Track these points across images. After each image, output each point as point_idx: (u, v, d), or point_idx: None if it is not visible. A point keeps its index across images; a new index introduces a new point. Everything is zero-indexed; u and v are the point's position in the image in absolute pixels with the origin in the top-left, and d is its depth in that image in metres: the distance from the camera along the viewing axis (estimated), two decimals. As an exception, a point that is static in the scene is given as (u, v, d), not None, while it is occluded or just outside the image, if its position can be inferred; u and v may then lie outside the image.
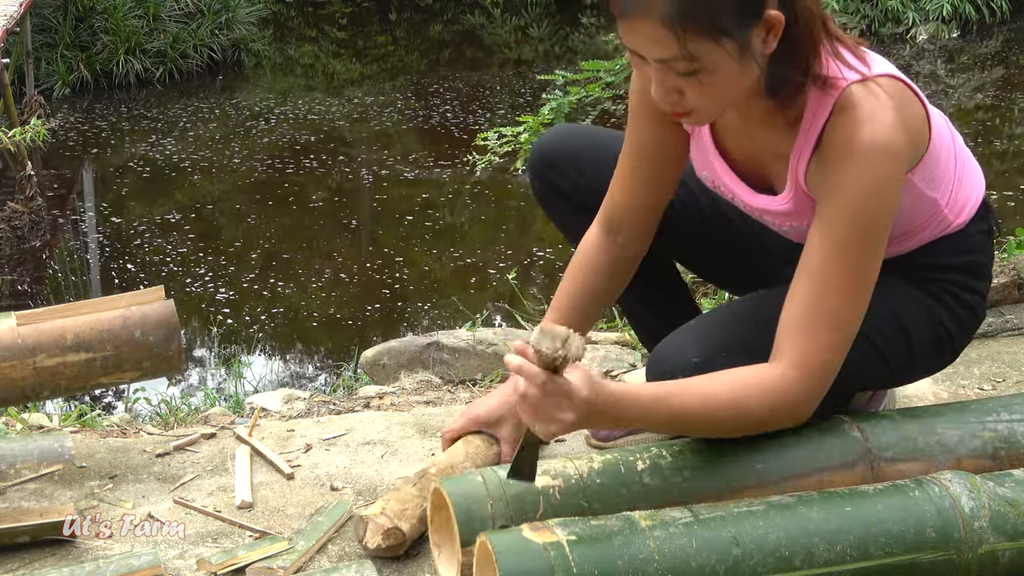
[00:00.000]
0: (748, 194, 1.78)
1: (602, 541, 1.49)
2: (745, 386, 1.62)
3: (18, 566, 1.80)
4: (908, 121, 1.60)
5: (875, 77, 1.60)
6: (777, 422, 1.67)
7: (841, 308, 1.61)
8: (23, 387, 1.98)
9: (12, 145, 6.74)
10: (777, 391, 1.62)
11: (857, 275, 1.61)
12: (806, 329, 1.61)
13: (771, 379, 1.62)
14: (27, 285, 6.70)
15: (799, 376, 1.61)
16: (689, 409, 1.62)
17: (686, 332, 1.77)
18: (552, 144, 2.04)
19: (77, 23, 11.37)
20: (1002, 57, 12.48)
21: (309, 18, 15.76)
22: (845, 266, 1.60)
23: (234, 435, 2.26)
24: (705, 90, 1.56)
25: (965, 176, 1.80)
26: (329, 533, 1.86)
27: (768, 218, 1.79)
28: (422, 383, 2.79)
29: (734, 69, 1.54)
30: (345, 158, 9.14)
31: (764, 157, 1.73)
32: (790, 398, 1.63)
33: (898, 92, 1.60)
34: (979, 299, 1.86)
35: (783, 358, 1.62)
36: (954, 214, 1.78)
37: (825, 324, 1.61)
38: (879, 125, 1.56)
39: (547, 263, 6.71)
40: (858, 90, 1.58)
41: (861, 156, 1.56)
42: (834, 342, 1.62)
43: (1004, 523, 1.60)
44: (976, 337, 2.69)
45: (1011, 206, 7.25)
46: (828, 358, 1.62)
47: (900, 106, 1.59)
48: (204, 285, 6.65)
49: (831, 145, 1.59)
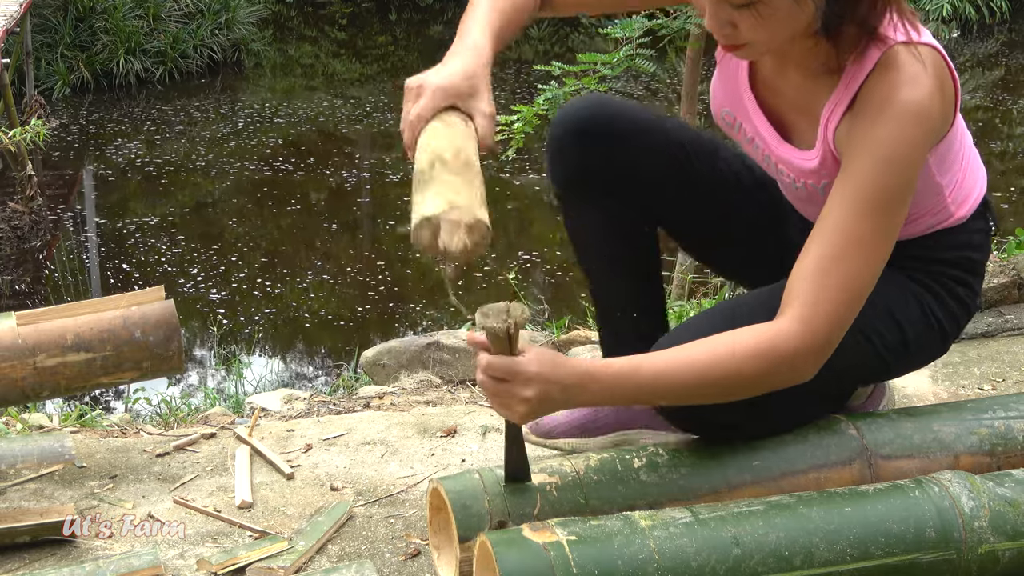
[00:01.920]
0: (774, 139, 1.75)
1: (602, 541, 1.49)
2: (733, 342, 1.57)
3: (18, 566, 1.80)
4: (944, 91, 1.60)
5: (921, 44, 1.59)
6: (772, 379, 1.59)
7: (854, 267, 1.57)
8: (23, 387, 1.98)
9: (12, 145, 6.75)
10: (775, 346, 1.56)
11: (874, 235, 1.58)
12: (816, 283, 1.57)
13: (769, 333, 1.57)
14: (27, 285, 6.70)
15: (802, 330, 1.56)
16: (670, 375, 1.56)
17: (682, 330, 1.76)
18: (593, 123, 1.85)
19: (77, 23, 11.38)
20: (1002, 57, 12.48)
21: (309, 18, 15.76)
22: (864, 224, 1.57)
23: (234, 435, 2.26)
24: (760, 23, 1.54)
25: (970, 170, 1.80)
26: (329, 533, 1.86)
27: (784, 168, 1.75)
28: (422, 383, 2.79)
29: (789, 3, 1.52)
30: (345, 158, 9.14)
31: (793, 108, 1.72)
32: (789, 351, 1.56)
33: (939, 64, 1.60)
34: (971, 294, 1.86)
35: (787, 311, 1.57)
36: (955, 205, 1.78)
37: (837, 281, 1.57)
38: (919, 88, 1.55)
39: (547, 263, 6.71)
40: (903, 51, 1.57)
41: (897, 114, 1.55)
42: (843, 301, 1.57)
43: (1004, 523, 1.60)
44: (976, 337, 2.70)
45: (1010, 206, 7.26)
46: (835, 315, 1.56)
47: (939, 75, 1.59)
48: (204, 285, 6.65)
49: (867, 101, 1.58)
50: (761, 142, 1.78)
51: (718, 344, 1.58)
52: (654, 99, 10.33)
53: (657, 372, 1.57)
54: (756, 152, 1.81)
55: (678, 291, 4.17)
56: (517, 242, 7.13)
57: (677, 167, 1.91)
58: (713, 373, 1.56)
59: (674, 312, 3.33)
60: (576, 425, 2.00)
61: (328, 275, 6.84)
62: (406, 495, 2.02)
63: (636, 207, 1.91)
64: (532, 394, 1.51)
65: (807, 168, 1.70)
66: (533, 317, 4.03)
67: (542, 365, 1.51)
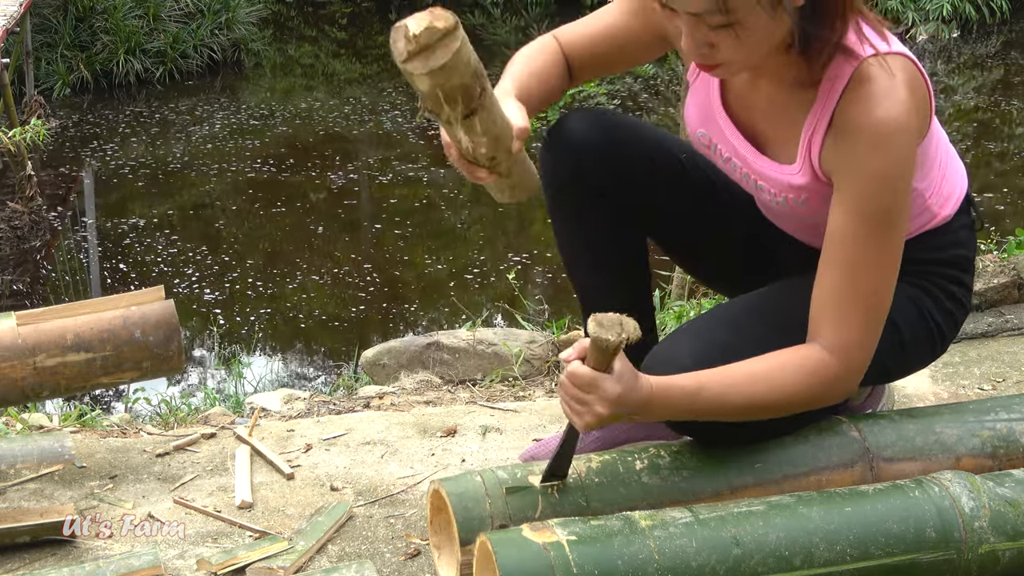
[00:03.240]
0: (752, 154, 1.77)
1: (602, 541, 1.49)
2: (783, 371, 1.64)
3: (18, 566, 1.80)
4: (918, 101, 1.62)
5: (890, 54, 1.61)
6: (816, 403, 1.69)
7: (871, 287, 1.64)
8: (23, 387, 1.98)
9: (12, 145, 6.75)
10: (818, 374, 1.64)
11: (882, 253, 1.63)
12: (839, 311, 1.64)
13: (811, 362, 1.65)
14: (27, 285, 6.70)
15: (838, 359, 1.64)
16: (727, 398, 1.63)
17: (681, 333, 1.77)
18: (592, 129, 1.88)
19: (77, 23, 11.37)
20: (1002, 57, 12.48)
21: (309, 18, 15.75)
22: (872, 246, 1.62)
23: (234, 435, 2.26)
24: (737, 43, 1.56)
25: (949, 170, 1.82)
26: (329, 533, 1.86)
27: (764, 184, 1.77)
28: (422, 383, 2.79)
29: (766, 21, 1.54)
30: (345, 158, 9.14)
31: (768, 120, 1.73)
32: (830, 380, 1.65)
33: (910, 72, 1.62)
34: (966, 292, 1.87)
35: (819, 340, 1.65)
36: (938, 206, 1.79)
37: (858, 305, 1.64)
38: (893, 103, 1.58)
39: (547, 263, 6.71)
40: (874, 64, 1.59)
41: (878, 135, 1.58)
42: (868, 321, 1.65)
43: (1004, 523, 1.60)
44: (976, 337, 2.70)
45: (1010, 206, 7.25)
46: (864, 337, 1.65)
47: (911, 85, 1.61)
48: (204, 285, 6.65)
49: (846, 123, 1.60)
50: (739, 160, 1.79)
51: (771, 371, 1.65)
52: (654, 99, 10.33)
53: (717, 395, 1.64)
54: (734, 172, 1.83)
55: (678, 291, 4.17)
56: (516, 242, 7.13)
57: (673, 176, 1.93)
58: (767, 399, 1.65)
59: (673, 312, 3.33)
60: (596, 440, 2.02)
61: (328, 275, 6.84)
62: (406, 495, 2.02)
63: (628, 213, 1.92)
64: (606, 412, 1.57)
65: (791, 183, 1.72)
66: (532, 316, 4.03)
67: (624, 387, 1.57)
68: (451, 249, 7.20)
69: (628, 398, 1.57)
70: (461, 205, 8.06)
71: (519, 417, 2.34)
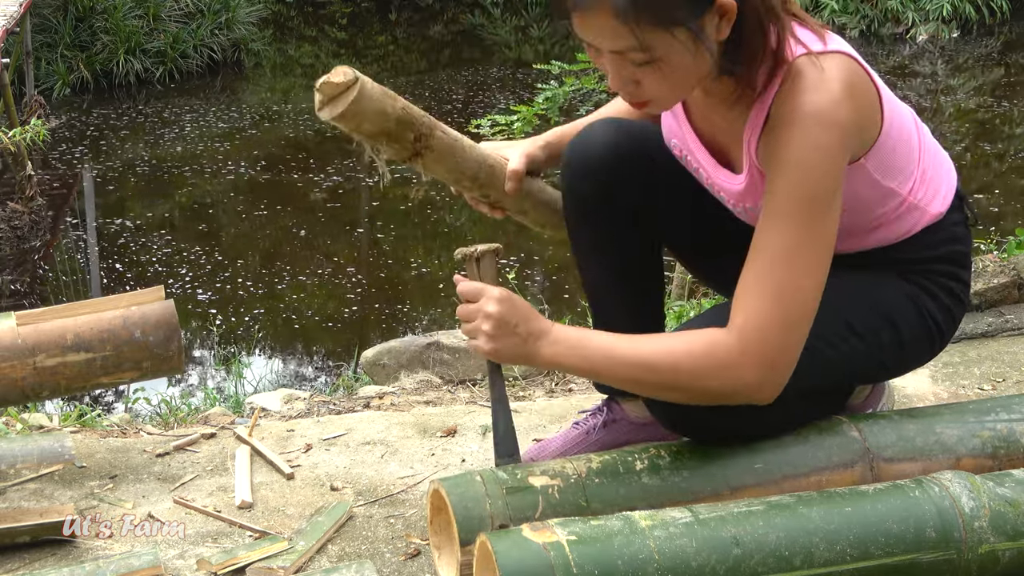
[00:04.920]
0: (712, 166, 1.78)
1: (602, 541, 1.49)
2: (678, 337, 1.62)
3: (18, 566, 1.80)
4: (856, 97, 1.60)
5: (824, 52, 1.60)
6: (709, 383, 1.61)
7: (783, 279, 1.58)
8: (23, 387, 1.98)
9: (12, 145, 6.75)
10: (711, 351, 1.59)
11: (801, 246, 1.58)
12: (747, 296, 1.59)
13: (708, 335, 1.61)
14: (26, 285, 6.70)
15: (736, 341, 1.58)
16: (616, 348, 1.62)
17: None
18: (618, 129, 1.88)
19: (77, 23, 11.38)
20: (1002, 57, 12.48)
21: (309, 18, 15.77)
22: (788, 235, 1.58)
23: (234, 435, 2.26)
24: (661, 79, 1.57)
25: (932, 167, 1.80)
26: (329, 533, 1.86)
27: (723, 195, 1.79)
28: (422, 383, 2.79)
29: (688, 57, 1.54)
30: (346, 157, 9.14)
31: (725, 136, 1.75)
32: (721, 359, 1.59)
33: (847, 68, 1.60)
34: (963, 288, 1.87)
35: (729, 323, 1.61)
36: (925, 203, 1.78)
37: (766, 293, 1.58)
38: (821, 94, 1.56)
39: (547, 263, 6.71)
40: (804, 61, 1.59)
41: (801, 123, 1.56)
42: (777, 314, 1.58)
43: (1004, 523, 1.60)
44: (976, 337, 2.70)
45: (1010, 206, 7.25)
46: (769, 328, 1.57)
47: (847, 80, 1.59)
48: (204, 285, 6.65)
49: (778, 116, 1.60)
50: (704, 171, 1.81)
51: (665, 336, 1.65)
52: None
53: (604, 346, 1.64)
54: (702, 180, 1.84)
55: (678, 291, 4.17)
56: (516, 242, 7.12)
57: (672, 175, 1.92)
58: (651, 359, 1.61)
59: (673, 312, 3.33)
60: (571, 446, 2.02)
61: (328, 275, 6.84)
62: (406, 495, 2.02)
63: (650, 221, 1.92)
64: (495, 310, 1.64)
65: (737, 191, 1.73)
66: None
67: (510, 295, 1.67)
68: (451, 249, 7.19)
69: (516, 303, 1.66)
70: (461, 205, 8.06)
71: (519, 417, 2.34)
